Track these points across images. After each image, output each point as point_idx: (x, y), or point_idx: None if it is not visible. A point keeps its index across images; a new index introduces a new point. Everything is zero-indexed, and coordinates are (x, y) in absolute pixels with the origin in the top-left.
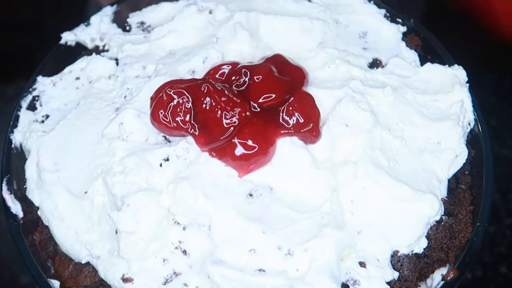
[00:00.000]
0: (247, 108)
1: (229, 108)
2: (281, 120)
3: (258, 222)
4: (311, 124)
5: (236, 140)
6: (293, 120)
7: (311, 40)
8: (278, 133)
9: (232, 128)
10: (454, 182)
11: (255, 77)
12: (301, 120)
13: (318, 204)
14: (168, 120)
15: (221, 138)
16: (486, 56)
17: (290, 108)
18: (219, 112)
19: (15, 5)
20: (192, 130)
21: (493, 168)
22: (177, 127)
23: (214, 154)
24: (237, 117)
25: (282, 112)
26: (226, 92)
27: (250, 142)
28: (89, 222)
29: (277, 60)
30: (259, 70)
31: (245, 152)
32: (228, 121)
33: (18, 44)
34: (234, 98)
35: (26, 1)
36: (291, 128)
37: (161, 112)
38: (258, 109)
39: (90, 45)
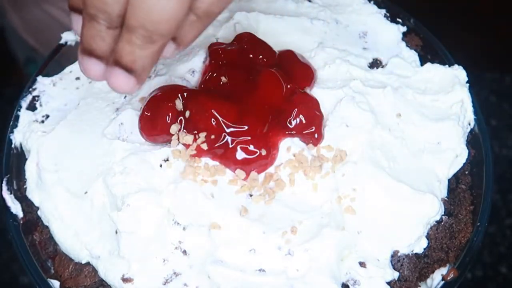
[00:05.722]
0: (239, 113)
1: (220, 114)
2: (286, 123)
3: (258, 222)
4: (313, 127)
5: (236, 145)
6: (296, 121)
7: (311, 40)
8: (281, 136)
9: (225, 135)
10: (454, 182)
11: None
12: (304, 122)
13: (318, 204)
14: (156, 132)
15: (215, 145)
16: (486, 56)
17: (293, 110)
18: (210, 119)
19: None
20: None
21: (493, 168)
22: (165, 134)
23: (215, 158)
24: (230, 123)
25: (285, 115)
26: (216, 97)
27: (251, 147)
28: (89, 222)
29: (286, 56)
30: (264, 74)
31: (247, 156)
32: (220, 128)
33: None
34: (226, 103)
35: None
36: (293, 130)
37: (149, 123)
38: (259, 113)
39: None
